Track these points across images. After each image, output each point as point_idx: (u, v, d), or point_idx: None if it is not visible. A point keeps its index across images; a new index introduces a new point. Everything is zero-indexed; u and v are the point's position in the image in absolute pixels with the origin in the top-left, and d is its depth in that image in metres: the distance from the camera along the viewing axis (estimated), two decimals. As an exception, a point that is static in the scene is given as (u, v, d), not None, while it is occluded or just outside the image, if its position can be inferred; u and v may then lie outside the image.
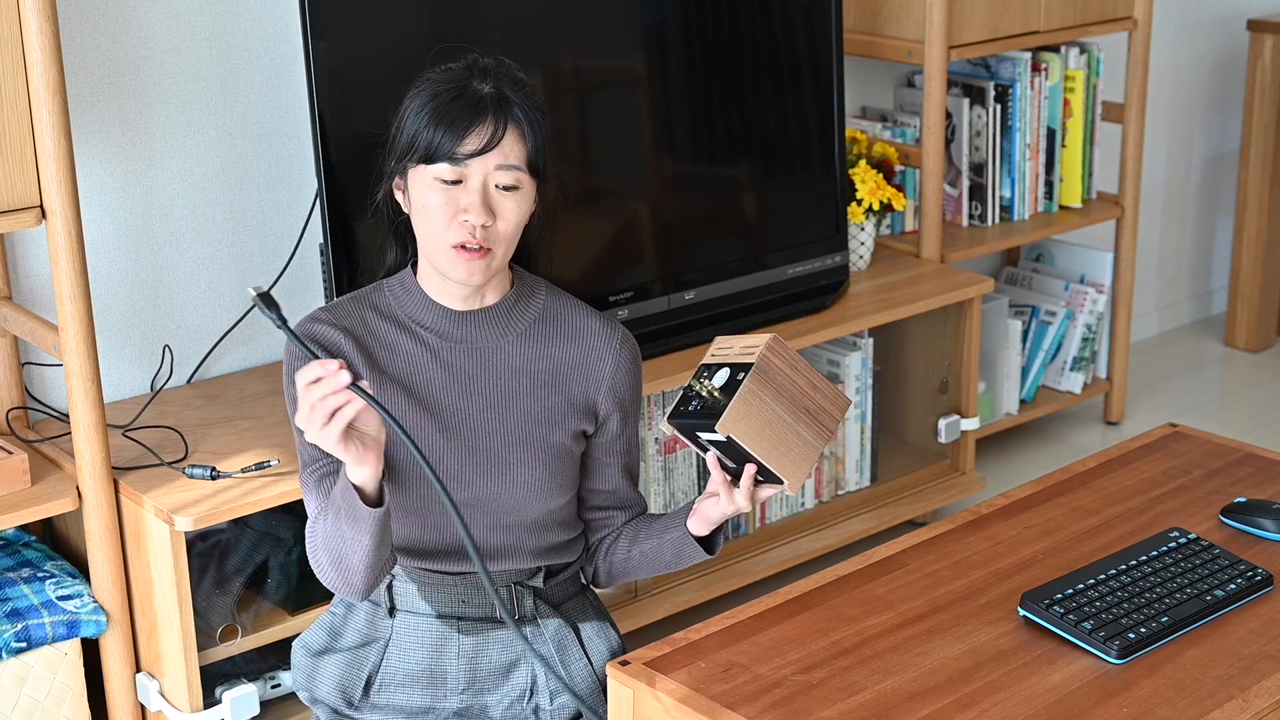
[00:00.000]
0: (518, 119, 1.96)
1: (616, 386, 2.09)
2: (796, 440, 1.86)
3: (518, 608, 2.09)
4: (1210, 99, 4.67)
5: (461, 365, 2.03)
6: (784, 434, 1.85)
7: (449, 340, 2.03)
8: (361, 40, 2.66)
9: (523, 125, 1.96)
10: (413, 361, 2.02)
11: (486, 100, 1.95)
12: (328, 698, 2.11)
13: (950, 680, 1.80)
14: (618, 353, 2.09)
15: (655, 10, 3.01)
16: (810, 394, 1.88)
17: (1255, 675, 1.82)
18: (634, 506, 2.18)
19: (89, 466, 2.49)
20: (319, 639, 2.14)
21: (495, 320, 2.05)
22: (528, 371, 2.05)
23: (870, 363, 3.40)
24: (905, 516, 3.42)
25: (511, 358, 2.04)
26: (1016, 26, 3.57)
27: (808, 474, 1.90)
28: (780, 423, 1.85)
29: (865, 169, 3.43)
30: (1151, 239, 4.61)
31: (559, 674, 1.93)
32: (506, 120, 1.95)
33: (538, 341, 2.06)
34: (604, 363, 2.08)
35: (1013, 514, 2.19)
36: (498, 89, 1.96)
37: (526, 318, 2.07)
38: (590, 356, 2.07)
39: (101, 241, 2.81)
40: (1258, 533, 2.13)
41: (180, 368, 2.93)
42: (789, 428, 1.85)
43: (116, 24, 2.75)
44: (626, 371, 2.10)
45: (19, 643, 2.46)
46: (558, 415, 2.05)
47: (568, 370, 2.06)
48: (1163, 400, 4.29)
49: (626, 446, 2.14)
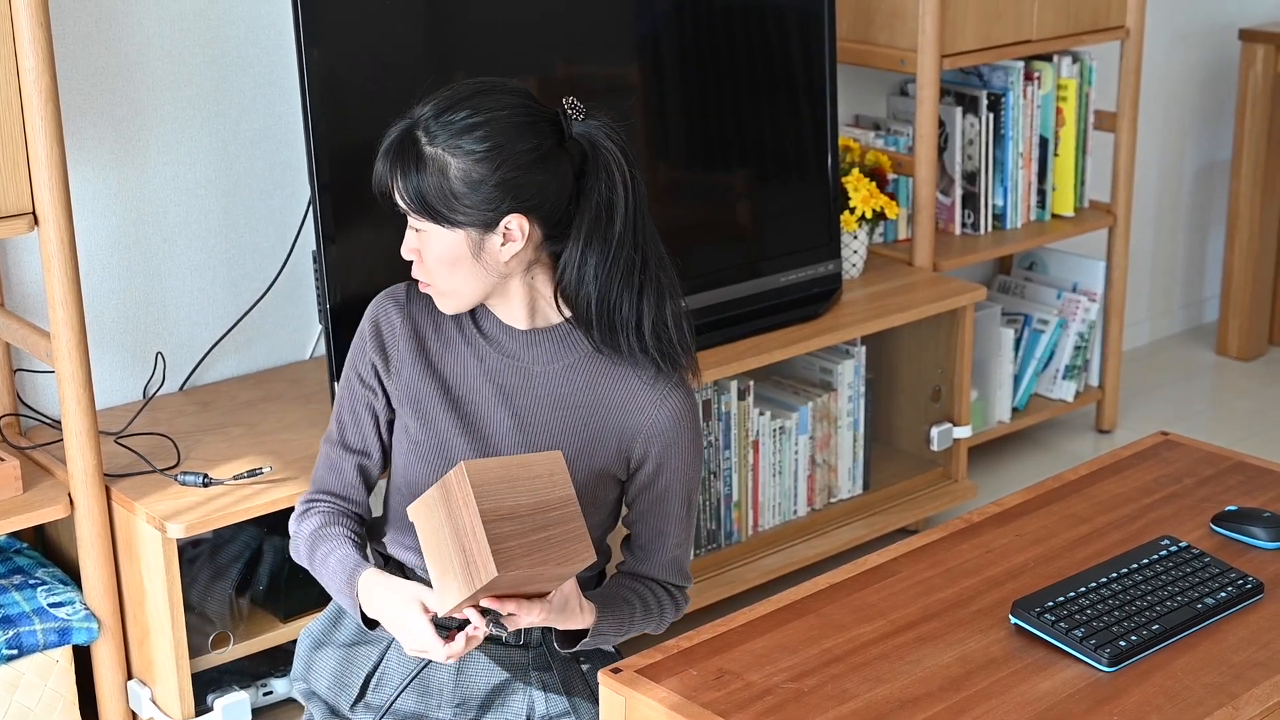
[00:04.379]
0: (403, 163, 1.92)
1: (649, 435, 2.01)
2: (449, 568, 1.79)
3: (523, 632, 2.07)
4: (1202, 108, 4.68)
5: (505, 379, 2.02)
6: (445, 555, 1.79)
7: (501, 353, 2.02)
8: (355, 47, 2.66)
9: (408, 167, 1.91)
10: (462, 363, 2.02)
11: (389, 152, 1.93)
12: (324, 693, 2.11)
13: (941, 688, 1.81)
14: (658, 403, 2.01)
15: (649, 19, 3.01)
16: (470, 538, 1.77)
17: (1245, 683, 1.82)
18: (623, 560, 2.11)
19: (81, 473, 2.49)
20: (323, 629, 2.16)
21: (548, 342, 2.01)
22: (567, 404, 2.01)
23: (863, 370, 3.40)
24: (897, 524, 3.42)
25: (555, 385, 2.02)
26: (1009, 35, 3.58)
27: (451, 606, 1.80)
28: (444, 544, 1.79)
29: (858, 177, 3.43)
30: (1143, 248, 4.62)
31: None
32: (395, 169, 1.92)
33: (586, 375, 2.02)
34: (641, 413, 2.01)
35: (1004, 522, 2.20)
36: (402, 133, 1.93)
37: (583, 347, 2.02)
38: (629, 404, 2.01)
39: (94, 248, 2.81)
40: (1248, 541, 2.13)
41: (172, 375, 2.93)
42: (449, 553, 1.78)
43: (109, 31, 2.75)
44: (664, 425, 2.01)
45: (10, 650, 2.45)
46: (585, 452, 2.01)
47: (605, 410, 2.01)
48: (1154, 409, 4.30)
49: (642, 512, 2.05)
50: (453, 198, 1.90)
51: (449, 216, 1.92)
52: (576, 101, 1.96)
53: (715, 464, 3.17)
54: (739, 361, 3.07)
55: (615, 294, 1.96)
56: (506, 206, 1.91)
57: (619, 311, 1.96)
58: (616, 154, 1.94)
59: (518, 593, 1.84)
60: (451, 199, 1.90)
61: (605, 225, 1.94)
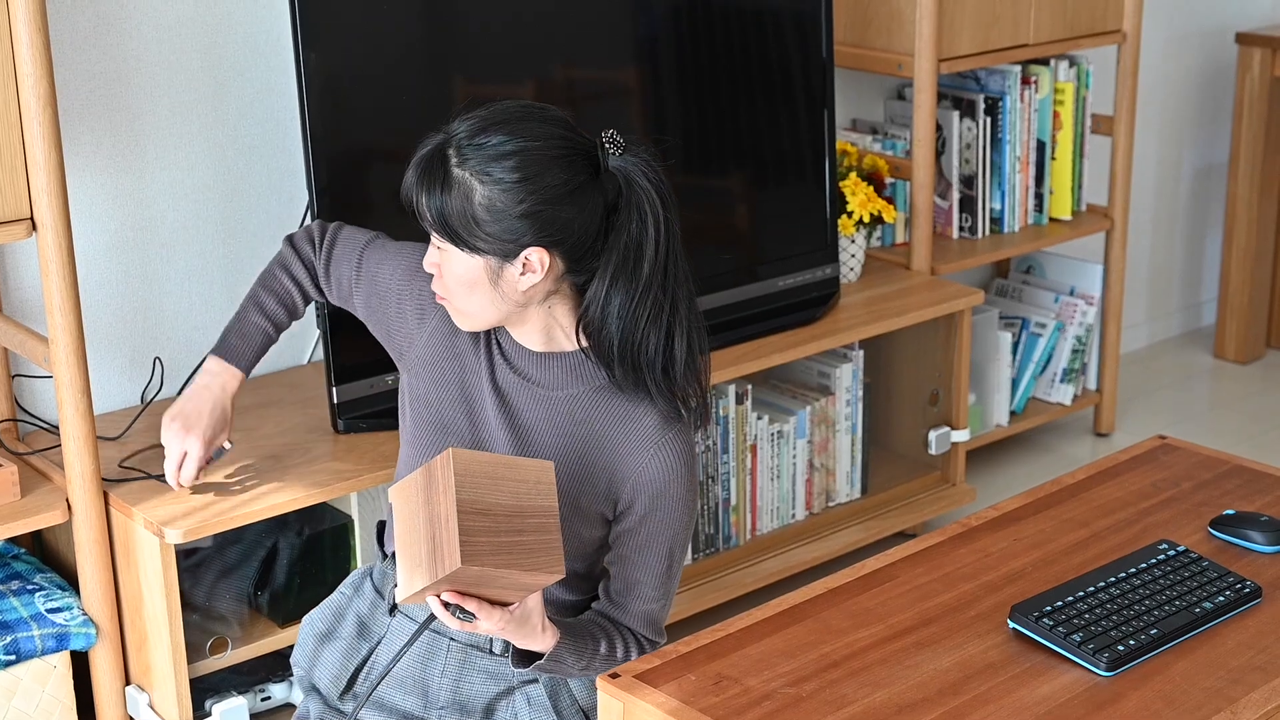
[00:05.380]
0: (431, 183, 1.89)
1: (638, 482, 1.97)
2: (416, 554, 1.77)
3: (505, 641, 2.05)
4: (1199, 111, 4.68)
5: (512, 393, 2.00)
6: (415, 540, 1.78)
7: (512, 369, 2.01)
8: (353, 52, 2.67)
9: (436, 189, 1.89)
10: (475, 367, 2.02)
11: (420, 165, 1.91)
12: (325, 688, 2.11)
13: (940, 693, 1.81)
14: (654, 452, 1.96)
15: (647, 22, 3.02)
16: (442, 526, 1.75)
17: (1244, 687, 1.82)
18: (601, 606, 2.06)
19: (79, 479, 2.49)
20: (324, 620, 2.16)
21: (558, 367, 1.99)
22: (566, 432, 1.99)
23: (861, 374, 3.40)
24: (895, 528, 3.42)
25: (558, 411, 1.99)
26: (1006, 39, 3.58)
27: (409, 594, 1.78)
28: (416, 529, 1.77)
29: (856, 181, 3.43)
30: (1141, 251, 4.62)
31: None
32: (424, 187, 1.90)
33: (587, 409, 1.99)
34: (633, 457, 1.97)
35: (1002, 526, 2.20)
36: (433, 150, 1.91)
37: (591, 381, 1.99)
38: (624, 446, 1.98)
39: (92, 254, 2.81)
40: (1246, 545, 2.13)
41: (171, 380, 2.93)
42: (420, 539, 1.77)
43: (107, 36, 2.75)
44: (654, 474, 1.97)
45: (8, 655, 2.45)
46: (573, 483, 1.98)
47: (600, 447, 1.98)
48: (1152, 412, 4.30)
49: (622, 557, 2.01)
50: (474, 223, 1.88)
51: (469, 241, 1.89)
52: (617, 136, 1.92)
53: (713, 468, 3.17)
54: (737, 366, 3.07)
55: (641, 335, 1.92)
56: (529, 239, 1.88)
57: (644, 352, 1.93)
58: (651, 193, 1.90)
59: (481, 594, 1.81)
60: (473, 224, 1.88)
61: (633, 266, 1.90)
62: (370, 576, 2.16)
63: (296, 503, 2.56)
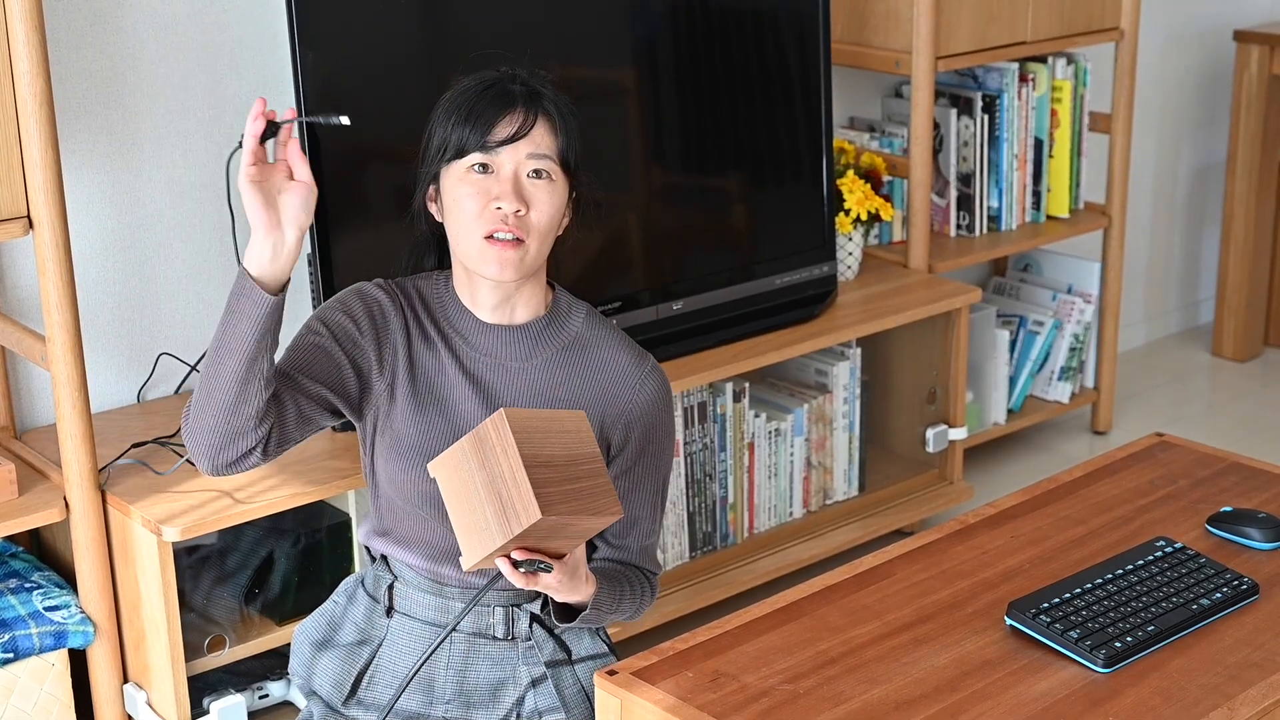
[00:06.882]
0: (549, 111, 1.96)
1: (630, 419, 2.03)
2: (480, 519, 1.78)
3: (512, 628, 2.07)
4: (1197, 109, 4.69)
5: (483, 376, 2.02)
6: (475, 506, 1.78)
7: (475, 349, 2.02)
8: (350, 51, 2.66)
9: (554, 118, 1.97)
10: (439, 360, 2.02)
11: (516, 93, 1.96)
12: (326, 694, 2.11)
13: (937, 689, 1.81)
14: (637, 388, 2.03)
15: (645, 22, 3.02)
16: (508, 484, 1.76)
17: (1240, 684, 1.82)
18: (609, 556, 2.09)
19: (76, 477, 2.49)
20: (319, 628, 2.15)
21: (521, 340, 2.02)
22: (547, 397, 2.02)
23: (858, 372, 3.40)
24: (893, 526, 3.43)
25: (534, 381, 2.02)
26: (1004, 37, 3.58)
27: (481, 558, 1.79)
28: (475, 495, 1.78)
29: (853, 179, 3.43)
30: (1139, 249, 4.62)
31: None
32: (537, 111, 1.95)
33: (562, 369, 2.03)
34: (621, 397, 2.03)
35: (1000, 523, 2.20)
36: (529, 86, 1.97)
37: (555, 344, 2.04)
38: (609, 390, 2.03)
39: (89, 251, 2.81)
40: (1243, 542, 2.13)
41: (168, 378, 2.93)
42: (481, 503, 1.78)
43: (104, 34, 2.75)
44: (644, 407, 2.03)
45: (6, 653, 2.45)
46: None
47: (584, 401, 2.02)
48: (1150, 410, 4.30)
49: (621, 494, 2.02)
50: (579, 154, 1.96)
51: (577, 175, 1.97)
52: None
53: (710, 466, 3.17)
54: (734, 363, 3.07)
55: None
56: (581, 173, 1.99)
57: None
58: None
59: (545, 547, 1.83)
60: (579, 155, 1.96)
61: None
62: (363, 584, 2.15)
63: (294, 501, 2.56)
